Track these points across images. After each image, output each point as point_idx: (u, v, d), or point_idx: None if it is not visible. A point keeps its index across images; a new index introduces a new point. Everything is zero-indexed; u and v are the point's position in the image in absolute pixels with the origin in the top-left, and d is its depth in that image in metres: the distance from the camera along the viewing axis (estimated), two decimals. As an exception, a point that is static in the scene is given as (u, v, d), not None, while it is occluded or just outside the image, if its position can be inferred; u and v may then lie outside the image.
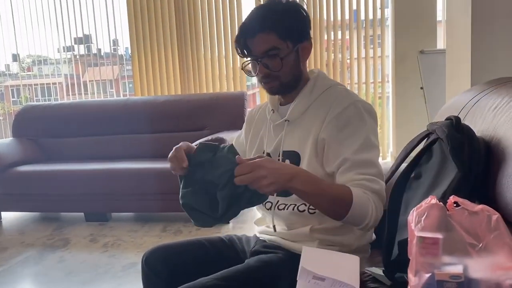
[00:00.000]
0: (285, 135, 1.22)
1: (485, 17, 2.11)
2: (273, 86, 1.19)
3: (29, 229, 3.35)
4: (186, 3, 4.89)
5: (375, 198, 1.07)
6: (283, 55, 1.14)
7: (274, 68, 1.15)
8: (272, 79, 1.17)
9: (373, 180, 1.07)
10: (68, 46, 6.22)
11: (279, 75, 1.16)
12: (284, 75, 1.17)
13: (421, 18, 4.36)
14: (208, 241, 1.31)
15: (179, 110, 3.75)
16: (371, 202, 1.05)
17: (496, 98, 1.20)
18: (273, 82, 1.18)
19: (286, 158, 1.20)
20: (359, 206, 1.04)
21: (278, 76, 1.17)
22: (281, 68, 1.15)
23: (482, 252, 0.64)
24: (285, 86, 1.20)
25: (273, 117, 1.27)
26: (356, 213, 1.04)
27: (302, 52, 1.19)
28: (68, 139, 3.97)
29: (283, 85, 1.19)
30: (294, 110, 1.21)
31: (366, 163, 1.09)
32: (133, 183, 3.19)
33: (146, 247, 2.72)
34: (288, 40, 1.14)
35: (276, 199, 1.21)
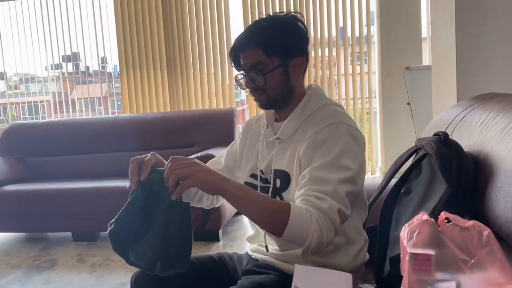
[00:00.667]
0: (276, 154, 1.21)
1: (469, 33, 2.15)
2: (262, 100, 1.19)
3: (15, 250, 3.28)
4: (174, 20, 4.93)
5: (321, 218, 0.99)
6: (267, 70, 1.14)
7: (259, 83, 1.16)
8: (259, 93, 1.18)
9: (323, 199, 1.01)
10: (56, 64, 6.21)
11: (266, 89, 1.16)
12: (270, 90, 1.17)
13: (406, 35, 4.45)
14: (198, 260, 1.29)
15: (168, 127, 3.74)
16: (313, 221, 0.98)
17: (482, 113, 1.22)
18: (261, 97, 1.18)
19: (277, 177, 1.19)
20: (297, 223, 0.99)
21: (264, 91, 1.17)
22: (264, 83, 1.15)
23: (474, 268, 0.65)
24: (273, 101, 1.19)
25: (266, 132, 1.26)
26: (295, 230, 0.99)
27: (293, 68, 1.18)
28: (56, 158, 3.92)
29: (271, 100, 1.19)
30: (285, 129, 1.21)
31: (322, 181, 1.03)
32: (122, 202, 3.13)
33: (135, 267, 2.68)
34: (274, 56, 1.14)
35: None
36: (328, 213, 1.00)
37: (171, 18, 4.94)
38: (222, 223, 3.13)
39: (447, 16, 2.24)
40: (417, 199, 1.18)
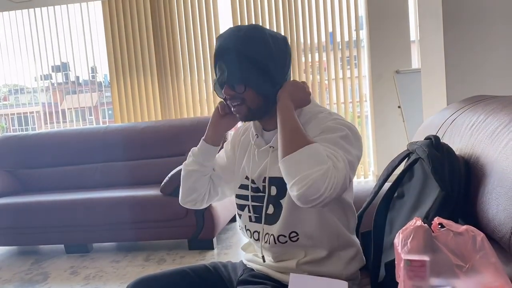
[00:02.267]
0: (270, 162, 1.18)
1: (457, 36, 2.18)
2: (240, 111, 1.16)
3: (6, 264, 3.23)
4: (164, 28, 4.93)
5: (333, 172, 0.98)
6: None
7: (239, 90, 1.13)
8: (238, 102, 1.15)
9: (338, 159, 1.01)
10: (45, 74, 6.17)
11: (245, 98, 1.14)
12: (250, 99, 1.14)
13: (395, 39, 4.49)
14: (192, 270, 1.28)
15: (160, 136, 3.72)
16: (326, 166, 0.98)
17: (472, 116, 1.22)
18: (240, 107, 1.15)
19: (272, 185, 1.18)
20: (315, 153, 1.00)
21: (244, 100, 1.14)
22: (243, 91, 1.12)
23: (469, 273, 0.64)
24: (253, 112, 1.16)
25: (257, 142, 1.24)
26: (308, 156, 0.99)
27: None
28: (46, 169, 3.89)
29: (251, 111, 1.16)
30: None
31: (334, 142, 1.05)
32: (115, 212, 3.13)
33: (129, 278, 2.66)
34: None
35: (261, 227, 1.19)
36: (341, 173, 1.00)
37: (160, 27, 4.94)
38: (216, 232, 3.11)
39: (434, 20, 2.26)
40: (411, 203, 1.18)
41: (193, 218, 3.03)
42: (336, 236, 1.16)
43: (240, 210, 1.26)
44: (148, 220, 3.08)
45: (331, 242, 1.15)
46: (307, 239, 1.15)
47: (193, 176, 1.29)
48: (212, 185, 1.32)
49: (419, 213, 1.09)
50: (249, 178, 1.23)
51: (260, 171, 1.21)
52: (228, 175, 1.33)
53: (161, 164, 3.54)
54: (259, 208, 1.20)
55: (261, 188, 1.21)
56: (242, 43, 1.11)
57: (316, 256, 1.15)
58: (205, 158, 1.28)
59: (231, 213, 3.52)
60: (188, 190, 1.30)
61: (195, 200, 1.32)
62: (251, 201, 1.21)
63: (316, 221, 1.14)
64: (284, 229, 1.15)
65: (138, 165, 3.71)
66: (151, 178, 3.51)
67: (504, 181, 0.90)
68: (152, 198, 3.08)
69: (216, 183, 1.32)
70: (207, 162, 1.29)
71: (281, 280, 1.17)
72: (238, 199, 1.27)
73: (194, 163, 1.28)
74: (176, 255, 3.06)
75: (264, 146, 1.22)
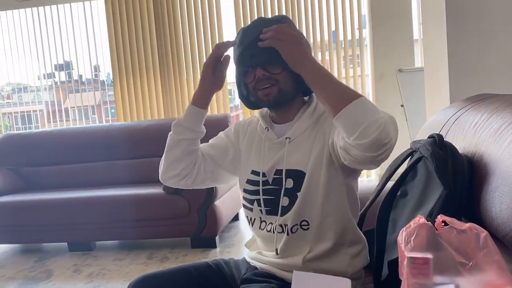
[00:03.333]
0: (287, 154, 1.18)
1: (460, 35, 2.17)
2: (271, 92, 1.14)
3: (10, 262, 3.24)
4: (167, 27, 4.93)
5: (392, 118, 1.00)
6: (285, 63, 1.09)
7: (274, 71, 1.12)
8: (271, 83, 1.13)
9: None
10: (48, 73, 6.18)
11: (279, 79, 1.13)
12: (283, 81, 1.13)
13: (398, 37, 4.48)
14: (194, 268, 1.28)
15: (163, 134, 3.67)
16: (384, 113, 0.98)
17: (475, 114, 1.22)
18: (272, 88, 1.14)
19: (288, 178, 1.17)
20: (371, 103, 0.99)
21: (277, 81, 1.13)
22: (279, 72, 1.12)
23: (472, 271, 0.64)
24: (283, 94, 1.15)
25: (268, 135, 1.23)
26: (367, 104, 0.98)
27: None
28: (50, 168, 3.90)
29: (281, 93, 1.14)
30: (297, 128, 1.19)
31: None
32: (118, 210, 3.13)
33: (132, 276, 2.66)
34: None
35: (276, 220, 1.18)
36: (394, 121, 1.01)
37: (163, 25, 4.95)
38: (219, 230, 3.12)
39: (438, 18, 2.26)
40: (414, 201, 1.18)
41: (195, 216, 3.04)
42: (344, 229, 1.17)
43: (250, 204, 1.25)
44: (151, 218, 3.09)
45: (338, 235, 1.16)
46: (316, 229, 1.15)
47: (181, 145, 1.23)
48: (204, 164, 1.27)
49: (422, 211, 1.09)
50: (260, 172, 1.22)
51: (273, 164, 1.20)
52: (226, 159, 1.30)
53: (163, 162, 3.54)
54: (270, 200, 1.19)
55: (271, 181, 1.20)
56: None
57: (321, 250, 1.15)
58: (196, 124, 1.24)
59: (234, 211, 3.52)
60: (174, 162, 1.23)
61: (180, 175, 1.24)
62: (262, 194, 1.21)
63: (329, 210, 1.15)
64: (296, 218, 1.15)
65: (141, 163, 3.72)
66: (154, 176, 3.49)
67: (507, 180, 0.90)
68: (155, 196, 3.09)
69: (211, 164, 1.29)
70: (198, 128, 1.25)
71: (285, 278, 1.16)
72: (247, 194, 1.25)
73: (184, 130, 1.23)
74: (179, 253, 3.07)
75: (277, 139, 1.21)
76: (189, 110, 1.25)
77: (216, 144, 1.33)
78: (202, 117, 1.25)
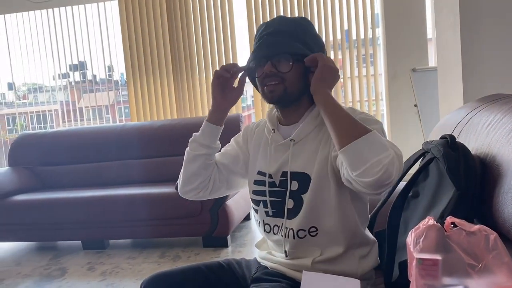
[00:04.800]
0: (291, 156, 1.18)
1: (474, 34, 2.15)
2: (276, 89, 1.14)
3: (26, 260, 3.30)
4: (180, 27, 4.96)
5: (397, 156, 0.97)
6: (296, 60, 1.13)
7: (283, 69, 1.13)
8: (277, 80, 1.14)
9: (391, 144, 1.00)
10: (63, 73, 6.26)
11: (285, 78, 1.13)
12: (290, 81, 1.14)
13: (411, 36, 4.44)
14: (206, 267, 1.29)
15: (176, 134, 3.75)
16: (391, 151, 0.96)
17: (488, 115, 1.21)
18: (277, 85, 1.14)
19: (293, 180, 1.17)
20: (378, 140, 0.97)
21: (283, 79, 1.13)
22: (288, 70, 1.13)
23: (481, 273, 0.64)
24: (288, 94, 1.15)
25: (274, 137, 1.23)
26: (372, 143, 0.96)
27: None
28: (64, 167, 3.96)
29: (286, 92, 1.15)
30: (301, 130, 1.18)
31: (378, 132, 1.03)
32: (131, 210, 3.17)
33: (145, 274, 2.69)
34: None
35: (281, 222, 1.18)
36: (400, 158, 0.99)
37: (176, 26, 4.98)
38: (231, 229, 3.13)
39: (451, 17, 2.24)
40: (425, 202, 1.17)
41: (207, 216, 3.05)
42: (353, 233, 1.16)
43: (256, 206, 1.26)
44: (164, 217, 3.12)
45: (348, 239, 1.15)
46: (325, 235, 1.15)
47: (198, 160, 1.25)
48: (218, 175, 1.29)
49: (434, 212, 1.09)
50: (266, 173, 1.23)
51: (279, 166, 1.21)
52: (238, 165, 1.32)
53: (176, 162, 3.55)
54: (277, 202, 1.20)
55: (278, 183, 1.20)
56: (297, 26, 1.16)
57: (332, 254, 1.15)
58: (212, 140, 1.26)
59: (245, 211, 3.53)
60: (192, 176, 1.26)
61: (198, 189, 1.27)
62: (268, 196, 1.21)
63: (336, 216, 1.14)
64: (304, 224, 1.15)
65: (153, 163, 3.75)
66: (166, 175, 3.54)
67: (520, 181, 0.89)
68: (167, 195, 3.11)
69: (224, 173, 1.31)
70: (213, 144, 1.27)
71: (296, 278, 1.16)
72: (254, 195, 1.26)
73: (200, 146, 1.26)
74: (191, 252, 3.09)
75: (282, 140, 1.21)
76: (204, 127, 1.27)
77: (228, 151, 1.35)
78: (217, 133, 1.27)
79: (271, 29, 1.15)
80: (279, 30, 1.15)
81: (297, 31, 1.15)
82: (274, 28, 1.15)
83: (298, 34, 1.15)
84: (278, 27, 1.15)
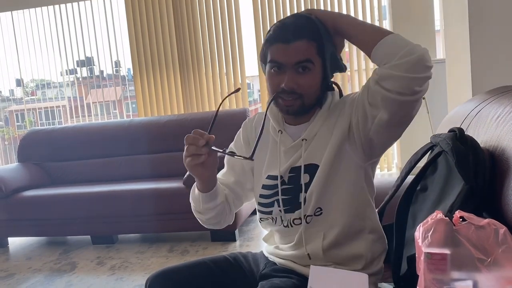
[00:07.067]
0: (304, 152, 1.14)
1: (482, 26, 2.12)
2: (293, 105, 1.10)
3: (36, 254, 3.34)
4: (186, 21, 4.96)
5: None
6: (315, 71, 1.09)
7: (303, 81, 1.08)
8: (294, 97, 1.08)
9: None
10: (71, 69, 6.30)
11: (303, 94, 1.09)
12: (307, 95, 1.10)
13: (419, 28, 4.40)
14: (212, 262, 1.28)
15: (183, 129, 3.76)
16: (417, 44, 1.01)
17: (498, 107, 1.19)
18: (294, 101, 1.09)
19: (305, 173, 1.14)
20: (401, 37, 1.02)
21: (301, 95, 1.09)
22: (310, 80, 1.09)
23: (491, 267, 0.64)
24: (305, 108, 1.12)
25: (282, 139, 1.19)
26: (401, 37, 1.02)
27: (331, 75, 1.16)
28: (73, 162, 3.99)
29: (304, 106, 1.11)
30: (312, 128, 1.16)
31: None
32: (139, 204, 3.19)
33: (153, 268, 2.71)
34: (321, 56, 1.09)
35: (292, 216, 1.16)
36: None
37: (182, 21, 4.97)
38: (238, 224, 3.14)
39: (459, 8, 2.21)
40: (434, 196, 1.16)
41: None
42: (363, 214, 1.16)
43: (267, 208, 1.22)
44: (172, 212, 3.13)
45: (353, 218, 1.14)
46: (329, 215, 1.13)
47: (212, 219, 1.24)
48: (234, 199, 1.28)
49: (442, 206, 1.08)
50: (277, 176, 1.18)
51: (289, 164, 1.17)
52: (246, 176, 1.28)
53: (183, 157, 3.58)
54: (289, 200, 1.17)
55: (287, 180, 1.18)
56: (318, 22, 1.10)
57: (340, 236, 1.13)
58: (215, 200, 1.19)
59: (253, 205, 3.53)
60: (213, 225, 1.29)
61: (223, 225, 1.31)
62: (280, 194, 1.18)
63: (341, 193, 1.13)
64: (312, 210, 1.13)
65: (161, 158, 3.76)
66: (174, 170, 3.55)
67: (530, 174, 0.88)
68: (175, 190, 3.13)
69: (240, 193, 1.29)
70: (218, 200, 1.21)
71: (305, 274, 1.14)
72: (263, 199, 1.22)
73: (207, 210, 1.21)
74: (199, 246, 3.10)
75: (292, 142, 1.18)
76: (199, 196, 1.18)
77: (233, 165, 1.30)
78: (216, 194, 1.19)
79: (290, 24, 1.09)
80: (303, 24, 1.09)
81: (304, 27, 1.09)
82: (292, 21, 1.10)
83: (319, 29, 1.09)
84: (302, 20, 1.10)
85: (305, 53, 1.06)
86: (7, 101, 7.32)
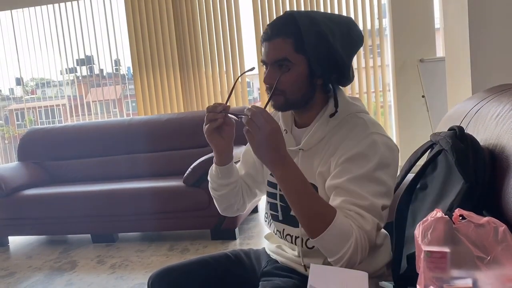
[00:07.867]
0: (299, 166, 1.07)
1: (482, 24, 2.12)
2: (277, 101, 1.10)
3: (36, 253, 3.34)
4: (185, 20, 4.95)
5: (362, 237, 0.97)
6: (296, 67, 1.05)
7: (282, 78, 1.06)
8: (276, 92, 1.07)
9: (365, 217, 0.98)
10: (70, 67, 6.28)
11: (285, 90, 1.07)
12: (291, 91, 1.08)
13: (419, 27, 4.39)
14: (213, 259, 1.28)
15: (182, 127, 3.76)
16: (353, 238, 0.96)
17: (497, 106, 1.19)
18: (277, 97, 1.09)
19: None
20: (338, 232, 0.95)
21: (283, 91, 1.08)
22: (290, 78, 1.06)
23: (490, 265, 0.64)
24: (291, 104, 1.10)
25: (286, 138, 1.16)
26: (332, 238, 0.96)
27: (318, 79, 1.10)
28: (73, 161, 3.99)
29: (288, 102, 1.09)
30: (309, 139, 1.13)
31: (359, 195, 1.00)
32: (139, 203, 3.19)
33: (153, 267, 2.71)
34: (302, 54, 1.05)
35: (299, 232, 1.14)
36: (370, 234, 0.98)
37: (182, 19, 4.97)
38: (239, 222, 3.14)
39: (459, 6, 2.21)
40: (434, 195, 1.16)
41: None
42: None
43: (271, 210, 1.23)
44: (172, 210, 3.13)
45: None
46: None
47: (225, 197, 1.26)
48: (247, 189, 1.31)
49: (442, 205, 1.08)
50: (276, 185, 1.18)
51: None
52: (259, 171, 1.30)
53: (183, 155, 3.59)
54: (287, 208, 1.16)
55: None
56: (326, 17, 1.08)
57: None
58: (229, 177, 1.22)
59: (253, 204, 3.54)
60: (226, 208, 1.30)
61: (236, 212, 1.32)
62: (278, 201, 1.19)
63: None
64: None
65: (161, 156, 3.76)
66: (174, 169, 3.56)
67: (529, 172, 0.88)
68: (175, 189, 3.13)
69: (251, 185, 1.31)
70: (232, 179, 1.23)
71: (306, 274, 1.13)
72: (269, 198, 1.24)
73: (221, 186, 1.23)
74: (199, 244, 3.11)
75: (293, 146, 1.17)
76: (218, 170, 1.21)
77: (247, 159, 1.32)
78: (232, 169, 1.22)
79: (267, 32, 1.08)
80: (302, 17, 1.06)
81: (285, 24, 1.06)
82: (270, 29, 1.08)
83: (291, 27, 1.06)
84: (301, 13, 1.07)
85: (280, 51, 1.06)
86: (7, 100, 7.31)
